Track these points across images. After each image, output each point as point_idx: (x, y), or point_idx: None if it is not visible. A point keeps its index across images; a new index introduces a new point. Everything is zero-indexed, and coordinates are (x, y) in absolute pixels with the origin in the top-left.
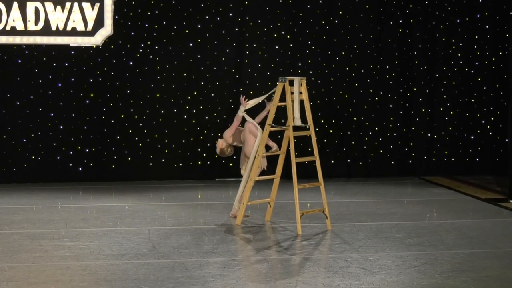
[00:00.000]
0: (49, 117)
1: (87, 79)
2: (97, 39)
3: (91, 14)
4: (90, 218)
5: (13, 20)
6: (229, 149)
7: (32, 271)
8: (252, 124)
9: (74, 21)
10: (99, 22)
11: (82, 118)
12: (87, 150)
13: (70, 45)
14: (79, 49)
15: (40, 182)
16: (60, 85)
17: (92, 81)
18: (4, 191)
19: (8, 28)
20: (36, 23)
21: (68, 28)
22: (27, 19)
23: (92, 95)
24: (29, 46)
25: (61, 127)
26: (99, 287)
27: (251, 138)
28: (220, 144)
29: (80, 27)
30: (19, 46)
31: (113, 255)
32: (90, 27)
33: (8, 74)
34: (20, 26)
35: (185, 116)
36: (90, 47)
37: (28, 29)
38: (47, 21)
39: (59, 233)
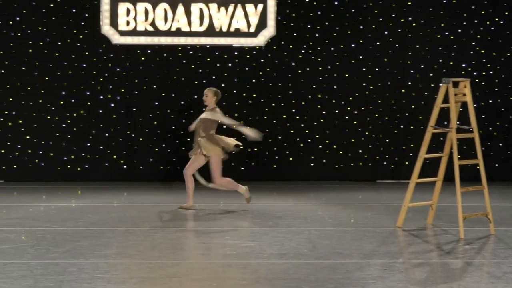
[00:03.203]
0: None
1: (249, 80)
2: (260, 40)
3: (254, 15)
4: (251, 217)
5: (178, 21)
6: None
7: (194, 268)
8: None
9: (237, 22)
10: (262, 23)
11: (244, 118)
12: (249, 149)
13: (233, 45)
14: (242, 49)
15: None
16: (223, 85)
17: (254, 81)
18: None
19: (173, 29)
20: (200, 24)
21: (232, 29)
22: (192, 20)
23: (254, 95)
24: (193, 47)
25: (224, 126)
26: (260, 286)
27: None
28: None
29: (243, 28)
30: (183, 46)
31: (274, 255)
32: (253, 28)
33: (172, 74)
34: (184, 27)
35: (347, 117)
36: (253, 48)
37: (192, 30)
38: (211, 22)
39: (221, 232)
